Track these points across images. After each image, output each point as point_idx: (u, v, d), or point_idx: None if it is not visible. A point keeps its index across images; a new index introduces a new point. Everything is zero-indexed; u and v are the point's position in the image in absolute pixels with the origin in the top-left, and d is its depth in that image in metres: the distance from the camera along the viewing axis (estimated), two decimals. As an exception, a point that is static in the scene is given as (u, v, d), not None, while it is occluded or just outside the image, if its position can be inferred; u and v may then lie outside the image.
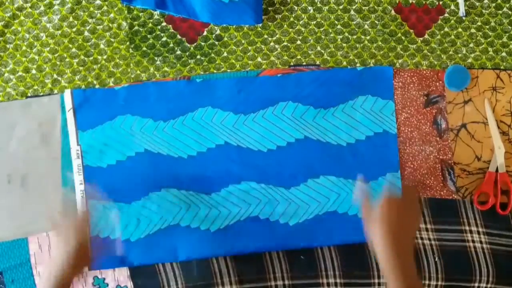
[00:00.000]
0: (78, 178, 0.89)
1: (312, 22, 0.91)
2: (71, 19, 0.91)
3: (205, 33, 0.91)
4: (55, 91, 0.91)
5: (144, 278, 0.90)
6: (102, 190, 0.89)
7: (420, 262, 0.89)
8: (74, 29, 0.91)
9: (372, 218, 0.73)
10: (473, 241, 0.90)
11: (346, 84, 0.89)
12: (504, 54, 0.92)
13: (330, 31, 0.91)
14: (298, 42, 0.91)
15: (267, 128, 0.90)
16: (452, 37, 0.92)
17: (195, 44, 0.91)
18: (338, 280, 0.89)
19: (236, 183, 0.89)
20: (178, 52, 0.91)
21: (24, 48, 0.91)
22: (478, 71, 0.91)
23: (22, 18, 0.90)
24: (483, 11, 0.92)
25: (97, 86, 0.91)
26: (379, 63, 0.91)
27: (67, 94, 0.90)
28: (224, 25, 0.91)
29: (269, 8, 0.91)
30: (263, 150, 0.90)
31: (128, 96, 0.90)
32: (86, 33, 0.91)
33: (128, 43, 0.91)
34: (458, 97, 0.91)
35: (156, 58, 0.91)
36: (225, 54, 0.91)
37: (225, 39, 0.91)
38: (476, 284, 0.90)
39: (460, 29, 0.92)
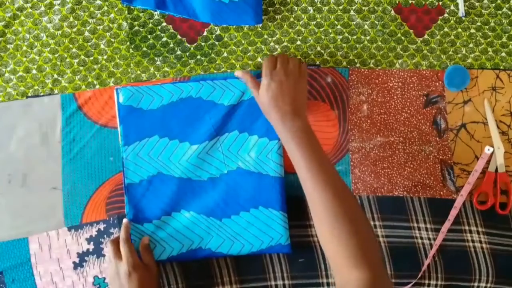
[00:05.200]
0: None
1: (312, 23, 0.92)
2: (71, 19, 0.91)
3: (205, 33, 0.91)
4: (56, 91, 0.91)
5: (144, 278, 0.90)
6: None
7: (420, 262, 0.89)
8: (74, 29, 0.91)
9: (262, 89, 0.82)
10: (472, 241, 0.90)
11: None
12: (503, 54, 0.92)
13: (330, 31, 0.92)
14: (298, 42, 0.92)
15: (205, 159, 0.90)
16: (452, 37, 0.92)
17: (195, 44, 0.91)
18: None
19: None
20: (178, 52, 0.91)
21: (24, 48, 0.91)
22: (477, 71, 0.92)
23: (22, 18, 0.91)
24: (483, 11, 0.92)
25: (97, 87, 0.91)
26: (379, 63, 0.91)
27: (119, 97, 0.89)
28: (224, 25, 0.91)
29: (269, 9, 0.91)
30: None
31: (159, 116, 0.89)
32: (86, 33, 0.91)
33: (128, 43, 0.91)
34: (458, 97, 0.91)
35: (156, 58, 0.91)
36: (225, 54, 0.91)
37: (225, 39, 0.92)
38: (476, 284, 0.90)
39: (459, 29, 0.92)
